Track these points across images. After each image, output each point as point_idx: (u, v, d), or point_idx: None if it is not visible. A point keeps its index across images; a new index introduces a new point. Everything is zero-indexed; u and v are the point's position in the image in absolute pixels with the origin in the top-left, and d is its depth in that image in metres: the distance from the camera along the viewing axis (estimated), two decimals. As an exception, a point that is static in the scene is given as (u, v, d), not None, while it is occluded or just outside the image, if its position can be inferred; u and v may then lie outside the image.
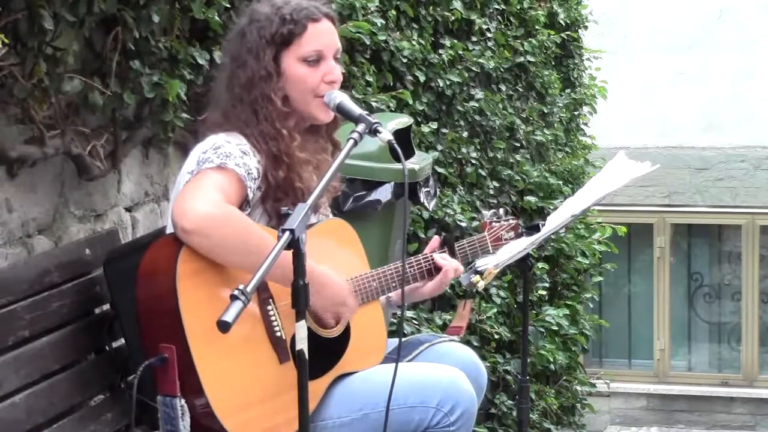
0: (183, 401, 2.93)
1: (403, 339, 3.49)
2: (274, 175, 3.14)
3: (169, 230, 3.13)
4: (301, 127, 3.24)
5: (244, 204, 3.06)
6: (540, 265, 6.93)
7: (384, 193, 4.38)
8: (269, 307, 3.06)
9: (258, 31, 3.18)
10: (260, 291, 3.04)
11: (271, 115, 3.17)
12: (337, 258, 3.27)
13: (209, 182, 2.98)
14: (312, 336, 3.07)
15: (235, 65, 3.20)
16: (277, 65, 3.18)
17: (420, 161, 4.60)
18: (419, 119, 5.70)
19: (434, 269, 3.48)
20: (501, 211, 3.82)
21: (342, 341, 3.25)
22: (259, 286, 2.94)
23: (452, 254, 3.56)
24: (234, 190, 3.01)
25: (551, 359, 6.78)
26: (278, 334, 3.07)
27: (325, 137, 3.32)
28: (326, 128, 3.31)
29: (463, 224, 5.74)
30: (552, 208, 6.63)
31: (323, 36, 3.22)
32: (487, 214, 3.80)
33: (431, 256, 3.49)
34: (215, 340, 2.87)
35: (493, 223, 3.75)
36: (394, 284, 3.36)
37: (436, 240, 3.56)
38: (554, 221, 3.79)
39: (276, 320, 3.07)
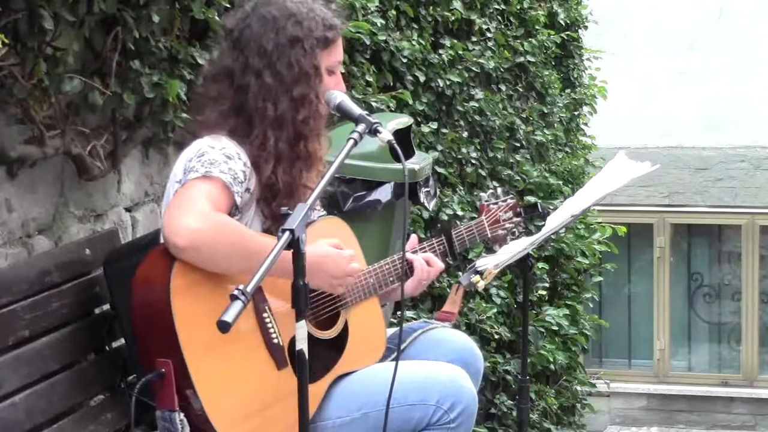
0: (182, 415, 2.91)
1: (395, 329, 3.48)
2: (285, 180, 3.10)
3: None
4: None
5: (233, 209, 3.03)
6: (540, 265, 6.92)
7: (384, 193, 4.38)
8: (265, 314, 3.05)
9: (307, 28, 3.11)
10: (255, 298, 3.02)
11: (314, 116, 3.12)
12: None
13: (196, 193, 2.94)
14: (311, 338, 3.06)
15: (269, 57, 3.10)
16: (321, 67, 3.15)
17: (420, 161, 4.60)
18: (419, 119, 5.69)
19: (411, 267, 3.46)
20: (499, 190, 3.78)
21: (340, 341, 3.24)
22: (254, 294, 2.94)
23: (450, 243, 3.54)
24: (222, 198, 2.97)
25: (551, 359, 6.78)
26: (275, 340, 3.05)
27: None
28: None
29: (460, 214, 5.73)
30: (552, 208, 6.62)
31: (341, 47, 3.23)
32: (484, 195, 3.75)
33: (411, 252, 3.46)
34: (211, 352, 2.86)
35: (491, 205, 3.72)
36: (391, 279, 3.35)
37: (414, 238, 3.52)
38: (554, 221, 3.79)
39: (272, 327, 3.05)
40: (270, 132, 3.10)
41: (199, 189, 2.95)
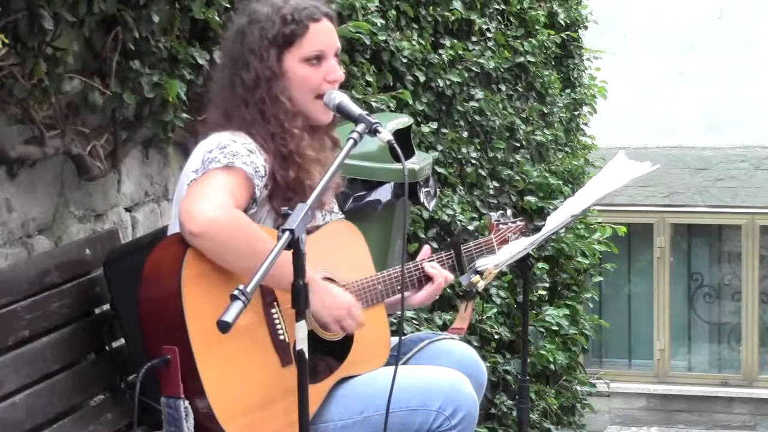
0: (186, 402, 2.92)
1: (404, 336, 3.49)
2: (283, 175, 3.12)
3: (171, 230, 3.13)
4: (306, 127, 3.23)
5: (251, 202, 3.06)
6: (540, 265, 6.92)
7: (384, 193, 4.38)
8: (273, 311, 3.06)
9: (259, 31, 3.17)
10: (264, 294, 3.03)
11: (279, 116, 3.15)
12: (343, 259, 3.27)
13: (217, 183, 2.97)
14: (315, 339, 3.07)
15: (236, 66, 3.19)
16: (280, 66, 3.18)
17: (420, 161, 4.60)
18: (419, 119, 5.69)
19: (424, 278, 3.47)
20: (509, 212, 3.81)
21: (345, 344, 3.24)
22: (264, 289, 2.94)
23: (458, 257, 3.55)
24: (242, 189, 3.00)
25: (551, 359, 6.78)
26: (281, 337, 3.06)
27: (325, 136, 3.32)
28: (325, 127, 3.30)
29: (470, 228, 5.75)
30: (552, 208, 6.63)
31: (324, 36, 3.22)
32: (494, 215, 3.79)
33: (421, 264, 3.47)
34: (218, 343, 2.86)
35: (500, 225, 3.74)
36: (398, 287, 3.35)
37: (427, 249, 3.54)
38: (554, 221, 3.78)
39: (280, 323, 3.06)
40: (254, 133, 3.14)
41: (220, 179, 2.98)
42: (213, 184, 2.97)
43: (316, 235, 3.19)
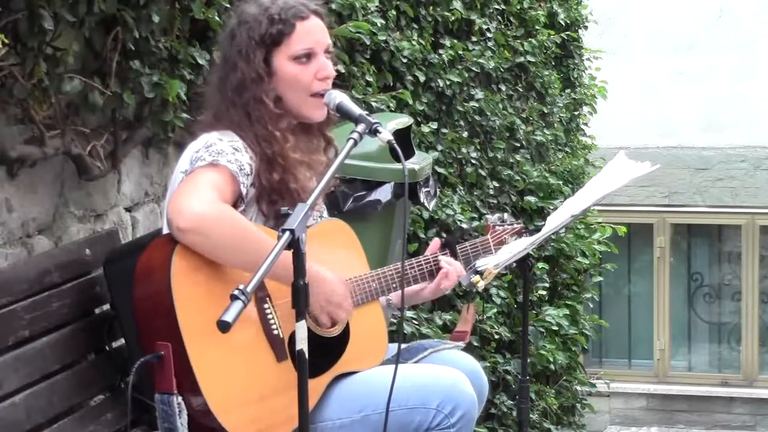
0: (180, 398, 2.93)
1: (408, 344, 3.49)
2: (268, 178, 3.13)
3: (165, 231, 3.13)
4: (293, 128, 3.23)
5: (238, 200, 3.07)
6: (540, 265, 6.92)
7: (384, 193, 4.38)
8: (266, 306, 3.06)
9: (247, 32, 3.18)
10: (257, 289, 3.03)
11: (264, 118, 3.16)
12: (336, 259, 3.27)
13: (203, 180, 2.98)
14: (310, 335, 3.07)
15: (226, 68, 3.20)
16: (268, 66, 3.18)
17: (420, 161, 4.60)
18: (419, 119, 5.70)
19: (436, 270, 3.48)
20: (506, 215, 3.82)
21: (341, 340, 3.25)
22: (256, 284, 2.94)
23: (454, 256, 3.55)
24: (228, 187, 3.02)
25: (551, 359, 6.78)
26: (276, 332, 3.06)
27: (318, 135, 3.31)
28: (319, 125, 3.30)
29: (465, 226, 5.74)
30: (552, 208, 6.63)
31: (312, 33, 3.22)
32: (491, 218, 3.79)
33: (432, 257, 3.48)
34: (211, 337, 2.86)
35: (497, 227, 3.74)
36: (394, 285, 3.36)
37: (436, 242, 3.55)
38: (554, 221, 3.78)
39: (273, 319, 3.07)
40: (242, 135, 3.15)
41: (205, 176, 3.00)
42: (199, 182, 2.98)
43: (308, 234, 3.18)
